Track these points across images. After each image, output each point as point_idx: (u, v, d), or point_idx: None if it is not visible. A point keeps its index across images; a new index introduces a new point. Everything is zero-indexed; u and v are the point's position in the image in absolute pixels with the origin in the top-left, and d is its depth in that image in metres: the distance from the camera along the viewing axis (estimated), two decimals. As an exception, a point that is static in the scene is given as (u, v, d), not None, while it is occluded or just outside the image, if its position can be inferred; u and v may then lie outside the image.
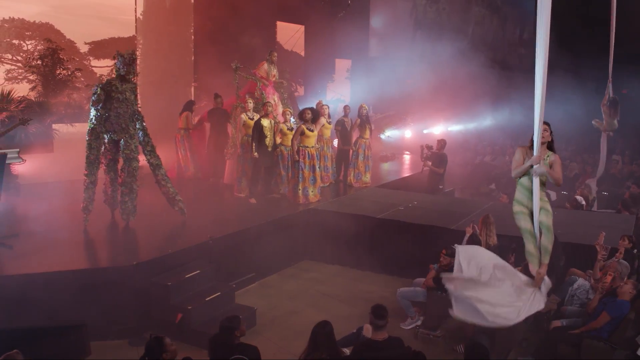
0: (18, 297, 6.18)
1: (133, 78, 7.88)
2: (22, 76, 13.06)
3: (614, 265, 6.68)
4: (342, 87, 17.61)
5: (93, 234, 7.84)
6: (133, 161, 8.02)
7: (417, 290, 7.34)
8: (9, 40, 12.77)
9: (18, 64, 12.96)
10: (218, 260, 7.89)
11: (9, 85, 12.68)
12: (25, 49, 13.10)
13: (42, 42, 13.04)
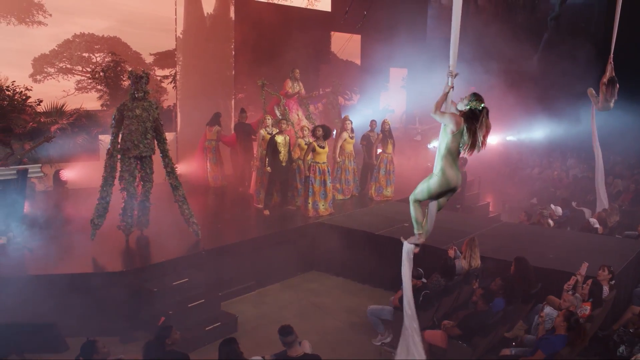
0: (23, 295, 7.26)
1: (147, 95, 8.69)
2: (91, 86, 14.51)
3: (568, 299, 6.85)
4: (396, 96, 17.96)
5: (103, 241, 8.77)
6: (147, 182, 8.91)
7: (385, 309, 7.79)
8: (80, 54, 14.21)
9: (87, 75, 14.38)
10: (218, 269, 8.72)
11: (79, 94, 14.19)
12: (94, 61, 14.51)
13: (109, 55, 14.39)
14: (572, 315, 6.16)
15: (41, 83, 13.45)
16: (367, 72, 17.06)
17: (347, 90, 16.73)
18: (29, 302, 7.19)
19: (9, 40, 13.01)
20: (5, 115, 11.51)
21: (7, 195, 8.35)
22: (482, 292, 7.03)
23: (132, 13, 14.27)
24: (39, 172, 8.64)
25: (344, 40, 16.88)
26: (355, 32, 16.62)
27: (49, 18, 13.58)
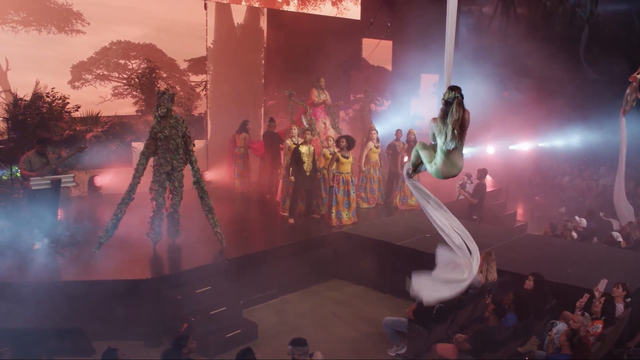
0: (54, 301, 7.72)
1: (170, 112, 9.09)
2: (127, 92, 15.07)
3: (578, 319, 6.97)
4: (427, 102, 18.08)
5: (132, 248, 9.23)
6: (176, 196, 9.32)
7: (400, 320, 8.02)
8: (116, 60, 14.78)
9: (123, 81, 14.94)
10: (241, 277, 9.07)
11: (115, 100, 14.76)
12: (130, 68, 15.06)
13: (144, 62, 14.92)
14: (575, 334, 6.31)
15: (79, 89, 14.02)
16: (398, 78, 17.23)
17: (378, 96, 16.95)
18: (59, 307, 7.65)
19: (49, 48, 13.61)
20: (44, 123, 12.06)
21: (42, 203, 8.85)
22: (494, 307, 7.21)
23: (167, 20, 14.74)
24: (72, 181, 9.12)
25: (374, 46, 17.09)
26: (385, 39, 16.81)
27: (88, 27, 14.14)
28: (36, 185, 8.64)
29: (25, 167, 8.87)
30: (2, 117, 12.11)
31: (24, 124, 12.06)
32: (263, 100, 15.34)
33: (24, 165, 8.88)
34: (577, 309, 7.38)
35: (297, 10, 15.34)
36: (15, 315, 7.34)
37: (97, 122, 12.73)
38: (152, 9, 14.30)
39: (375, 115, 16.04)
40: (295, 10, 15.34)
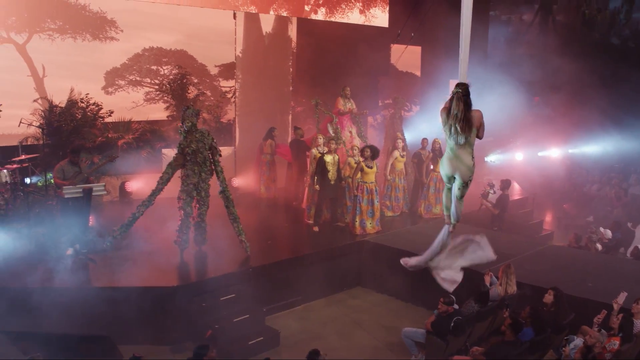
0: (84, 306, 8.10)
1: (195, 127, 9.41)
2: (159, 97, 15.51)
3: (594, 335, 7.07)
4: (455, 108, 18.09)
5: (160, 255, 9.54)
6: (203, 206, 9.64)
7: (418, 331, 8.21)
8: (149, 66, 15.23)
9: (155, 86, 15.38)
10: (265, 284, 9.36)
11: (147, 105, 15.21)
12: (161, 74, 15.50)
13: (175, 68, 15.34)
14: (590, 351, 6.43)
15: (112, 95, 14.48)
16: (427, 84, 17.36)
17: (406, 102, 17.11)
18: (89, 312, 8.01)
19: (84, 55, 14.08)
20: (78, 130, 12.53)
21: (75, 210, 9.26)
22: (510, 321, 7.35)
23: (198, 27, 15.11)
24: (103, 190, 9.52)
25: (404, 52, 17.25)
26: (414, 44, 16.93)
27: (121, 33, 14.60)
28: (69, 193, 9.04)
29: (59, 176, 9.29)
30: (39, 122, 12.59)
31: (59, 131, 12.55)
32: (291, 108, 15.63)
33: (58, 174, 9.29)
34: (595, 325, 7.48)
35: (325, 19, 15.58)
36: (47, 321, 7.72)
37: (129, 129, 13.16)
38: (184, 16, 14.66)
39: (405, 121, 16.22)
40: (323, 19, 15.59)
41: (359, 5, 16.12)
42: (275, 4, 14.63)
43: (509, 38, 20.43)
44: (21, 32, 13.22)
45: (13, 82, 13.12)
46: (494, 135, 16.96)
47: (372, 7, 16.32)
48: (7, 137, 12.90)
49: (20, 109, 13.19)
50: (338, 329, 9.26)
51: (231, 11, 14.62)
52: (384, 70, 17.47)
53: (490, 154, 16.87)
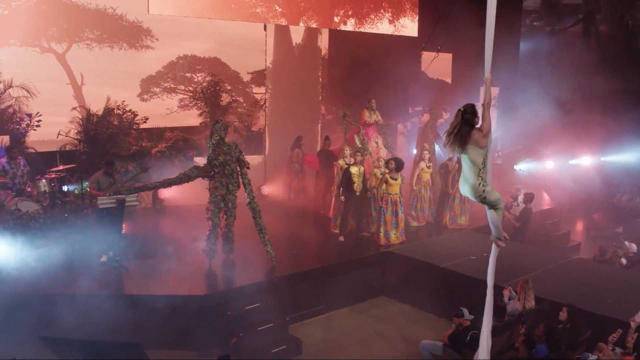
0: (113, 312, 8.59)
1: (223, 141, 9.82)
2: (193, 103, 16.06)
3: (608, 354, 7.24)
4: (486, 116, 18.20)
5: (188, 264, 9.99)
6: (230, 217, 10.05)
7: (436, 344, 8.49)
8: (183, 74, 15.79)
9: (189, 93, 15.92)
10: (289, 293, 9.75)
11: (181, 111, 15.77)
12: (195, 81, 16.04)
13: (209, 75, 15.86)
14: (601, 370, 6.64)
15: (148, 102, 15.07)
16: (458, 91, 17.53)
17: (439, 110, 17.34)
18: (120, 318, 8.49)
19: (121, 63, 14.69)
20: (114, 138, 13.09)
21: (108, 219, 9.78)
22: (524, 338, 7.58)
23: (231, 35, 15.59)
24: (135, 201, 10.01)
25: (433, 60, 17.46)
26: (445, 52, 17.13)
27: (156, 42, 15.17)
28: (103, 204, 9.54)
29: (94, 186, 9.82)
30: (76, 131, 13.22)
31: (95, 139, 13.13)
32: (320, 117, 15.99)
33: (93, 185, 9.83)
34: (609, 343, 7.65)
35: (354, 29, 15.88)
36: (80, 327, 8.21)
37: (162, 138, 13.69)
38: (217, 24, 15.11)
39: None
40: (353, 30, 15.89)
41: (388, 15, 16.36)
42: (305, 16, 14.97)
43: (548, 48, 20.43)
44: (61, 42, 13.86)
45: (53, 91, 13.79)
46: (524, 143, 17.10)
47: (401, 17, 16.56)
48: (47, 143, 13.56)
49: (59, 116, 13.87)
50: (359, 338, 9.57)
51: (262, 24, 15.01)
52: (414, 77, 17.69)
53: (519, 162, 16.96)
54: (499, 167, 15.93)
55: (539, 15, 21.22)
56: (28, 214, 9.80)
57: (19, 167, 10.79)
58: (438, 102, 17.13)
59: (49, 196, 10.74)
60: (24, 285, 8.80)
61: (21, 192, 10.49)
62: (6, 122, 12.65)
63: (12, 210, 9.86)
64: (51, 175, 11.00)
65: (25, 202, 10.11)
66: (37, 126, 12.91)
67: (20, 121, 12.75)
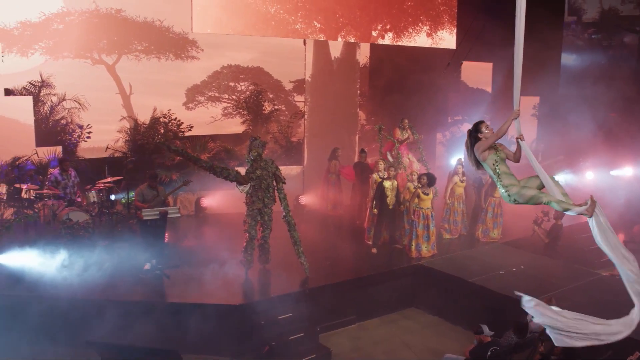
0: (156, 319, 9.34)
1: (260, 156, 10.45)
2: (236, 112, 16.80)
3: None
4: (526, 125, 18.39)
5: (226, 273, 10.62)
6: (266, 229, 10.70)
7: (458, 359, 8.97)
8: (227, 83, 16.53)
9: (232, 102, 16.66)
10: (321, 304, 10.34)
11: (225, 119, 16.52)
12: (238, 90, 16.77)
13: (252, 84, 16.58)
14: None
15: (193, 110, 15.84)
16: (498, 100, 17.80)
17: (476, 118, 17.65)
18: (159, 324, 9.23)
19: (167, 73, 15.49)
20: (159, 148, 13.90)
21: (152, 229, 10.56)
22: (539, 357, 7.97)
23: (273, 45, 16.19)
24: (177, 213, 10.76)
25: (475, 69, 17.78)
26: (486, 61, 17.44)
27: (201, 53, 15.91)
28: (147, 216, 10.33)
29: (139, 198, 10.59)
30: (124, 140, 14.10)
31: (142, 149, 13.96)
32: (358, 128, 16.54)
33: (138, 197, 10.61)
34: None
35: (392, 43, 16.37)
36: (124, 332, 8.97)
37: (205, 149, 14.43)
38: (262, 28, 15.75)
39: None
40: (390, 43, 16.38)
41: (426, 28, 16.79)
42: (343, 31, 15.53)
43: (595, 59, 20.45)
44: (111, 54, 14.71)
45: (103, 100, 14.66)
46: (564, 154, 17.27)
47: (439, 29, 16.96)
48: (97, 150, 14.46)
49: (109, 124, 14.75)
50: (387, 349, 10.09)
51: (301, 39, 15.60)
52: (454, 86, 18.05)
53: (558, 173, 17.11)
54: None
55: (598, 28, 21.20)
56: (78, 224, 10.63)
57: (70, 179, 11.65)
58: (478, 112, 17.46)
59: (98, 206, 11.57)
60: (73, 292, 9.58)
61: (72, 202, 11.35)
62: (59, 132, 13.58)
63: (63, 220, 10.71)
64: (100, 186, 11.82)
65: (76, 212, 10.95)
66: (88, 137, 13.83)
67: (72, 132, 13.66)
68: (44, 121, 13.52)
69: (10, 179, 11.69)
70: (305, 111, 15.46)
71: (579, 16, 20.91)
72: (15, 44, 13.44)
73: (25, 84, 13.29)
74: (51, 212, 11.04)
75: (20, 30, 13.49)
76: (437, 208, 12.54)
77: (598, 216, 6.47)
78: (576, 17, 20.89)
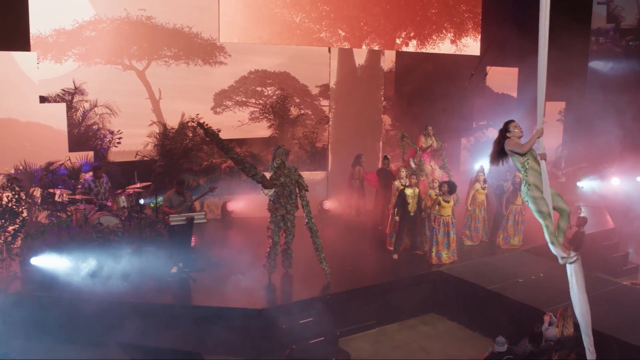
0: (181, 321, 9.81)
1: (284, 164, 10.85)
2: (262, 116, 17.24)
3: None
4: (552, 130, 18.54)
5: (249, 277, 11.00)
6: (289, 235, 11.10)
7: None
8: (254, 88, 16.99)
9: (259, 106, 17.10)
10: (342, 308, 10.71)
11: (252, 123, 16.98)
12: (265, 94, 17.21)
13: (278, 89, 17.02)
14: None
15: (220, 115, 16.33)
16: (523, 105, 17.91)
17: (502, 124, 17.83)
18: (184, 326, 9.74)
19: (195, 79, 16.00)
20: (187, 153, 14.40)
21: (179, 234, 11.03)
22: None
23: (300, 49, 16.54)
24: (203, 219, 11.19)
25: (500, 74, 17.95)
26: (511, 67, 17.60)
27: (229, 58, 16.38)
28: (174, 221, 10.80)
29: (167, 204, 11.07)
30: (154, 144, 14.64)
31: (171, 153, 14.47)
32: (382, 134, 16.85)
33: (166, 203, 11.08)
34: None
35: (416, 50, 16.64)
36: (150, 334, 9.44)
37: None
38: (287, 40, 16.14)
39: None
40: (414, 51, 16.65)
41: (450, 35, 17.02)
42: (368, 39, 15.83)
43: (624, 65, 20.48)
44: (141, 60, 15.25)
45: (133, 105, 15.23)
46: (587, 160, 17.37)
47: (463, 36, 17.18)
48: (127, 153, 15.01)
49: (139, 129, 15.29)
50: (405, 354, 10.40)
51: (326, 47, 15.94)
52: (479, 92, 18.24)
53: (583, 179, 17.24)
54: (562, 185, 16.30)
55: (636, 35, 21.18)
56: (108, 228, 11.14)
57: (102, 185, 12.18)
58: (503, 117, 17.61)
59: (127, 211, 12.07)
60: (102, 294, 10.10)
61: (103, 207, 11.87)
62: (91, 138, 14.15)
63: (95, 224, 11.24)
64: (129, 191, 12.32)
65: (106, 217, 11.47)
66: (118, 143, 14.38)
67: (103, 137, 14.22)
68: (77, 127, 14.10)
69: (44, 183, 12.22)
70: (330, 117, 15.81)
71: (617, 23, 20.99)
72: (49, 51, 14.04)
73: (59, 91, 13.88)
74: (83, 216, 11.56)
75: (54, 37, 14.09)
76: (458, 215, 12.83)
77: (577, 272, 7.72)
78: (614, 23, 20.98)
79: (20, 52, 12.91)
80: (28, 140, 12.86)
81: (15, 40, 13.04)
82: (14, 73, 12.72)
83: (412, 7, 16.40)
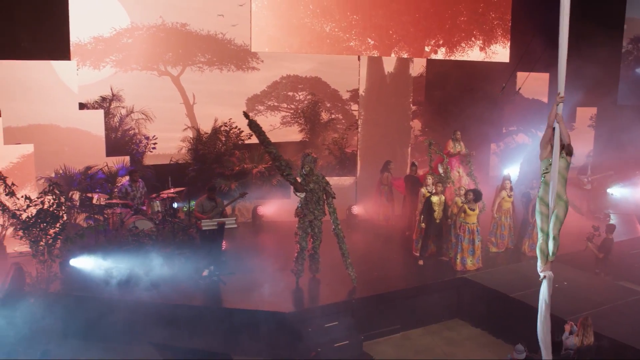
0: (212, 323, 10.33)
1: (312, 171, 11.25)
2: (294, 120, 17.71)
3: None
4: (582, 137, 18.67)
5: (278, 281, 11.48)
6: (316, 240, 11.53)
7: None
8: (285, 93, 17.49)
9: (291, 111, 17.58)
10: (367, 313, 11.12)
11: (283, 128, 17.47)
12: (297, 99, 17.67)
13: (310, 94, 17.46)
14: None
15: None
16: (555, 110, 18.07)
17: (531, 129, 18.07)
18: (214, 327, 10.26)
19: (228, 84, 16.57)
20: (219, 159, 14.95)
21: (210, 238, 11.56)
22: (568, 374, 8.51)
23: (331, 55, 16.91)
24: (234, 224, 11.72)
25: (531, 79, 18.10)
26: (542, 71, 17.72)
27: (261, 64, 16.92)
28: (206, 226, 11.33)
29: (199, 209, 11.60)
30: (187, 148, 15.21)
31: (204, 158, 15.03)
32: (411, 140, 17.18)
33: (198, 208, 11.61)
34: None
35: (445, 58, 16.92)
36: (182, 335, 9.97)
37: (262, 160, 15.38)
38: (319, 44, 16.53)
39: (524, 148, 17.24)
40: (443, 58, 16.94)
41: (479, 43, 17.27)
42: (397, 47, 16.17)
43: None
44: (176, 66, 15.86)
45: (168, 110, 15.86)
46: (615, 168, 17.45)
47: (492, 44, 17.41)
48: (161, 157, 15.62)
49: (173, 133, 15.90)
50: (428, 359, 10.80)
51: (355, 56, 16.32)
52: (509, 97, 18.43)
53: (612, 185, 17.32)
54: (588, 193, 16.45)
55: None
56: (143, 232, 11.72)
57: (139, 189, 12.77)
58: (533, 122, 17.84)
59: (162, 215, 12.63)
60: (136, 295, 10.70)
61: (138, 211, 12.45)
62: (127, 143, 14.78)
63: (130, 228, 11.82)
64: (164, 196, 12.88)
65: (141, 221, 12.05)
66: (153, 148, 15.00)
67: (139, 143, 14.84)
68: (114, 132, 14.73)
69: (83, 187, 12.84)
70: (359, 124, 16.20)
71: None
72: (88, 58, 14.72)
73: (97, 97, 14.53)
74: (119, 219, 12.17)
75: (93, 44, 14.76)
76: (484, 221, 13.13)
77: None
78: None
79: (61, 60, 13.57)
80: (68, 145, 13.53)
81: (56, 48, 13.74)
82: (55, 81, 13.39)
83: (441, 15, 16.72)
